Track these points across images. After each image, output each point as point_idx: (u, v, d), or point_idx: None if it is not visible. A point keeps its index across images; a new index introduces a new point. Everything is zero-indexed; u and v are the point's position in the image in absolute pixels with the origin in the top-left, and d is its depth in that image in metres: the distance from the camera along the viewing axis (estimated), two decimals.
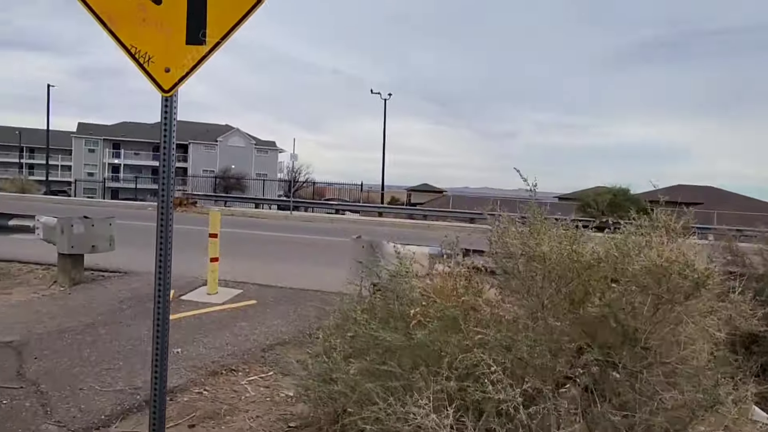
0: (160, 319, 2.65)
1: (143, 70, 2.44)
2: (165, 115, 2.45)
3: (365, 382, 2.27)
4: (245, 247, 10.79)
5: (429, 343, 2.23)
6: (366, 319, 2.56)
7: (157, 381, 2.63)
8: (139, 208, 23.13)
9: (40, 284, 6.74)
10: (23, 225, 7.38)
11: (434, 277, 2.86)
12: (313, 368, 2.58)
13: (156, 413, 2.62)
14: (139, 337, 4.92)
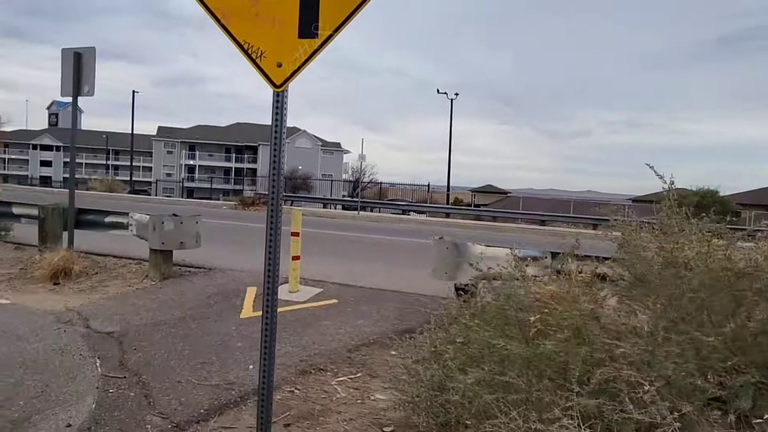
0: (269, 320, 2.63)
1: (255, 65, 2.42)
2: (276, 110, 2.42)
3: (483, 392, 2.12)
4: (318, 246, 10.90)
5: (554, 354, 2.04)
6: (479, 324, 2.41)
7: (265, 382, 2.61)
8: (214, 207, 24.14)
9: (134, 278, 7.07)
10: (118, 222, 7.80)
11: (546, 282, 2.66)
12: (424, 374, 2.45)
13: (263, 412, 2.60)
14: (228, 332, 5.02)
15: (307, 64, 2.39)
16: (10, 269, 7.48)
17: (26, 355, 4.23)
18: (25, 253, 8.23)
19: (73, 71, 7.11)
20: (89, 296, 6.28)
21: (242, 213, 20.96)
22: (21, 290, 6.56)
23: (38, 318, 5.30)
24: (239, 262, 8.33)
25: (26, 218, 8.41)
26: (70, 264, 6.96)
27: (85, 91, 7.12)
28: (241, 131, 71.90)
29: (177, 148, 67.86)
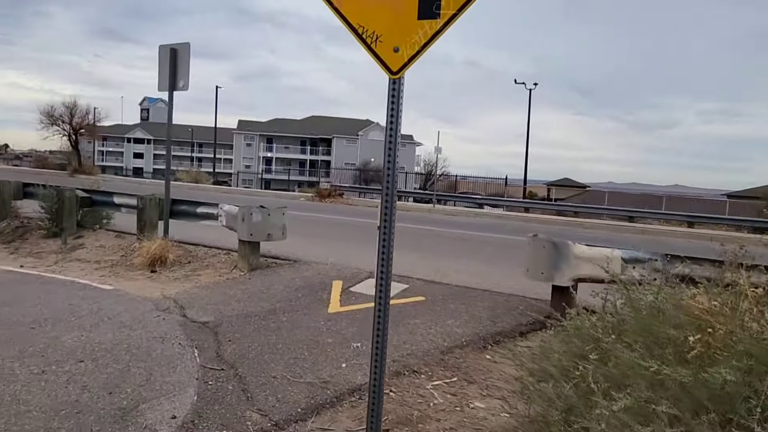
0: (381, 320, 2.46)
1: (370, 50, 2.24)
2: (392, 99, 2.23)
3: (633, 423, 1.83)
4: (397, 239, 10.72)
5: (732, 384, 1.71)
6: (619, 340, 2.11)
7: (375, 387, 2.45)
8: (292, 198, 24.73)
9: (223, 268, 7.25)
10: (209, 212, 8.04)
11: (696, 294, 2.29)
12: (552, 393, 2.18)
13: (373, 416, 2.45)
14: (317, 327, 4.96)
15: (427, 48, 2.18)
16: (113, 256, 7.93)
17: (131, 342, 4.38)
18: (124, 240, 8.71)
19: (169, 67, 7.37)
20: (183, 285, 6.49)
21: (319, 204, 21.31)
22: (122, 276, 6.91)
23: (138, 305, 5.52)
24: (322, 254, 8.35)
25: (126, 207, 8.89)
26: (166, 253, 7.25)
27: (180, 86, 7.36)
28: (315, 124, 73.49)
29: (255, 140, 70.55)
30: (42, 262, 7.68)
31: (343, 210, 18.85)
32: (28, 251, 8.30)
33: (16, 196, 10.18)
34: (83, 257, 7.90)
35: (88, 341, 4.34)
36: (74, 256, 7.95)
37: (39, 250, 8.36)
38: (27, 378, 3.57)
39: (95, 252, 8.14)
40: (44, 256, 8.02)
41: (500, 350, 4.71)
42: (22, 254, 8.16)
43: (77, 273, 7.02)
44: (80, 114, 32.61)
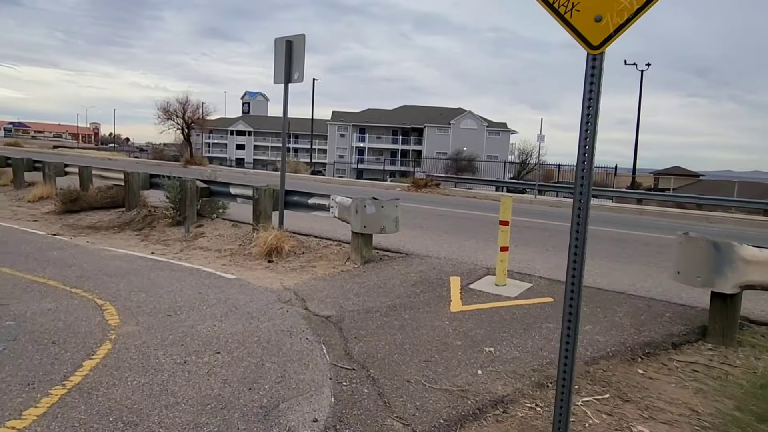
0: (572, 328, 2.13)
1: (564, 22, 1.89)
2: (591, 80, 1.87)
3: None
4: (493, 232, 10.22)
5: None
6: None
7: (563, 399, 2.13)
8: (387, 188, 24.76)
9: (337, 260, 7.23)
10: (320, 204, 8.07)
11: None
12: None
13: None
14: (442, 327, 4.71)
15: (641, 14, 1.79)
16: (231, 245, 8.22)
17: (260, 334, 4.39)
18: (240, 230, 9.02)
19: (284, 59, 7.42)
20: (300, 276, 6.53)
21: (416, 194, 21.11)
22: (242, 266, 7.10)
23: (261, 295, 5.59)
24: (432, 247, 8.10)
25: (242, 198, 9.19)
26: (282, 244, 7.36)
27: (295, 78, 7.39)
28: (407, 113, 73.50)
29: (348, 131, 71.99)
30: (169, 249, 8.13)
31: (441, 200, 18.50)
32: (156, 238, 8.85)
33: (144, 186, 10.95)
34: (205, 245, 8.26)
35: (221, 331, 4.40)
36: (197, 245, 8.34)
37: (165, 237, 8.89)
38: (171, 368, 3.64)
39: (215, 241, 8.49)
40: (170, 243, 8.50)
41: (652, 364, 4.18)
42: (151, 241, 8.71)
43: (201, 261, 7.32)
44: (191, 109, 35.00)
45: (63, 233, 9.28)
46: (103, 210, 11.23)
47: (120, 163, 34.22)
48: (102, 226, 9.87)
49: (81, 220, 10.51)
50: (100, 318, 4.65)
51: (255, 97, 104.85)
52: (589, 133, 1.90)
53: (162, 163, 37.18)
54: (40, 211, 11.62)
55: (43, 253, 7.44)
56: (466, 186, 27.74)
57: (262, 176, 28.23)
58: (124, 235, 9.22)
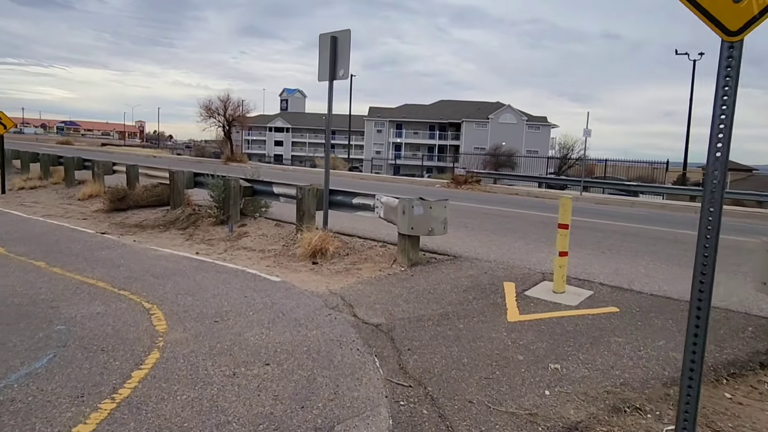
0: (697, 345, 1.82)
1: (692, 4, 1.58)
2: (726, 70, 1.55)
3: None
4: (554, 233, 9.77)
5: None
6: None
7: None
8: (427, 185, 24.41)
9: (382, 262, 7.01)
10: (364, 203, 7.86)
11: None
12: None
13: None
14: (500, 339, 4.41)
15: None
16: (275, 245, 8.11)
17: (309, 344, 4.20)
18: (283, 229, 8.92)
19: (329, 55, 7.22)
20: (346, 279, 6.34)
21: (456, 191, 20.72)
22: (286, 267, 6.97)
23: (308, 300, 5.42)
24: (480, 249, 7.78)
25: (285, 197, 9.09)
26: (326, 245, 7.19)
27: (340, 75, 7.19)
28: (444, 108, 72.72)
29: (385, 126, 71.79)
30: (213, 249, 8.10)
31: (483, 198, 18.06)
32: (201, 238, 8.84)
33: (188, 185, 11.01)
34: (248, 246, 8.19)
35: (269, 340, 4.24)
36: (240, 245, 8.27)
37: (209, 237, 8.87)
38: (221, 381, 3.49)
39: (258, 241, 8.41)
40: (214, 243, 8.47)
41: (740, 386, 3.77)
42: (195, 240, 8.71)
43: (245, 262, 7.23)
44: (232, 106, 35.50)
45: (111, 232, 9.40)
46: (149, 208, 11.37)
47: (164, 160, 35.07)
48: (148, 225, 9.97)
49: (128, 218, 10.66)
50: (148, 323, 4.57)
51: (293, 93, 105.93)
52: (723, 133, 1.58)
53: (203, 160, 37.92)
54: (89, 209, 11.87)
55: (92, 253, 7.51)
56: (507, 182, 27.10)
57: (301, 173, 28.37)
58: (169, 234, 9.26)
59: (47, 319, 4.62)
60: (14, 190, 14.96)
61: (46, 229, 9.36)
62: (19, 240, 8.32)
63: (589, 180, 22.92)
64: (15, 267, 6.55)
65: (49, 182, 15.72)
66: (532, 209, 14.54)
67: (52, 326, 4.44)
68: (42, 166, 16.56)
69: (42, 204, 12.79)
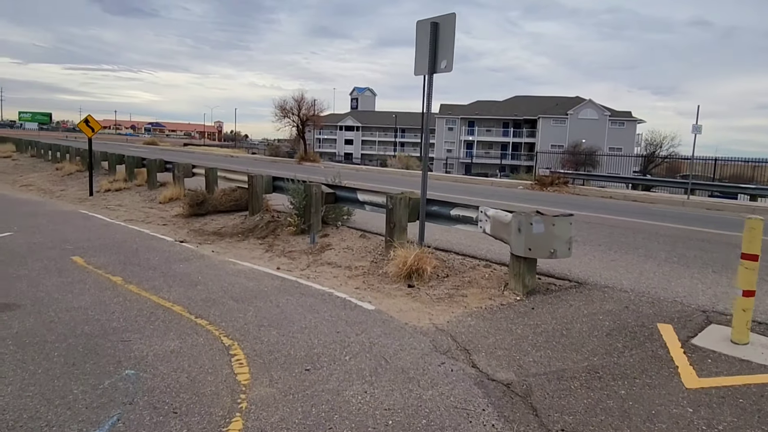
0: None
1: None
2: None
3: None
4: (691, 251, 8.24)
5: None
6: None
7: None
8: (508, 186, 22.89)
9: (489, 286, 5.94)
10: (465, 216, 6.81)
11: None
12: None
13: None
14: (686, 418, 3.23)
15: None
16: (362, 261, 7.25)
17: (428, 413, 3.23)
18: (369, 242, 8.05)
19: (429, 44, 6.24)
20: (451, 309, 5.33)
21: (542, 194, 19.14)
22: (378, 290, 6.07)
23: (412, 340, 4.48)
24: (605, 273, 6.51)
25: (371, 206, 8.22)
26: (423, 264, 6.22)
27: (442, 67, 6.18)
28: (518, 105, 69.96)
29: (457, 124, 70.08)
30: (295, 264, 7.36)
31: (575, 202, 16.42)
32: (281, 249, 8.15)
33: (267, 190, 10.44)
34: (333, 260, 7.38)
35: (375, 404, 3.32)
36: (324, 259, 7.49)
37: (290, 248, 8.17)
38: None
39: (343, 255, 7.58)
40: (296, 256, 7.74)
41: None
42: (275, 252, 8.03)
43: (331, 281, 6.42)
44: (306, 106, 35.48)
45: (189, 240, 8.96)
46: (227, 213, 10.94)
47: (241, 160, 35.70)
48: (226, 233, 9.46)
49: (206, 224, 10.24)
50: (228, 370, 3.79)
51: (363, 92, 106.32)
52: None
53: (278, 159, 38.28)
54: (169, 213, 11.64)
55: (169, 266, 6.99)
56: (596, 183, 24.99)
57: (375, 174, 27.69)
58: (248, 244, 8.67)
59: (116, 358, 3.96)
60: (101, 192, 15.20)
61: (127, 237, 9.07)
62: (100, 249, 8.00)
63: (701, 182, 20.48)
64: (92, 283, 6.09)
65: (133, 184, 15.89)
66: (639, 217, 12.84)
67: (120, 369, 3.77)
68: (127, 168, 16.82)
69: (125, 207, 12.77)
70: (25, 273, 6.48)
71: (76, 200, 14.19)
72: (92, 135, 14.90)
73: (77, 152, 22.45)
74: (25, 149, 31.94)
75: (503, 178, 43.63)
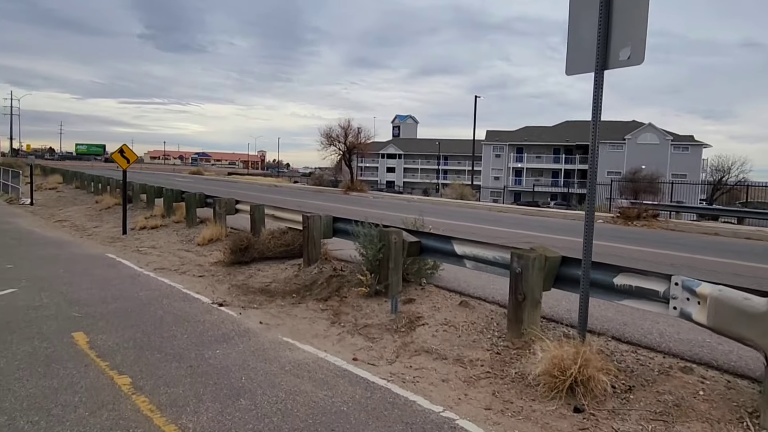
0: None
1: None
2: None
3: None
4: None
5: None
6: None
7: None
8: (573, 218, 20.08)
9: (716, 417, 3.53)
10: (640, 288, 4.44)
11: None
12: None
13: None
14: None
15: None
16: (475, 347, 4.95)
17: None
18: (475, 313, 5.78)
19: (597, 25, 4.02)
20: None
21: (626, 229, 16.37)
22: (526, 417, 3.75)
23: None
24: None
25: (474, 262, 5.95)
26: (592, 371, 3.88)
27: (622, 57, 3.93)
28: (569, 130, 66.85)
29: (504, 150, 67.40)
30: (377, 349, 5.14)
31: (689, 242, 13.63)
32: (352, 321, 5.96)
33: (326, 234, 8.37)
34: (431, 345, 5.12)
35: None
36: (418, 342, 5.24)
37: (364, 319, 5.97)
38: None
39: (444, 335, 5.32)
40: (375, 335, 5.53)
41: None
42: (345, 326, 5.85)
43: (442, 391, 4.16)
44: (353, 133, 33.87)
45: (230, 301, 6.91)
46: (276, 261, 8.91)
47: (283, 190, 34.24)
48: (277, 291, 7.37)
49: (252, 276, 8.20)
50: None
51: (405, 120, 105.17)
52: None
53: (323, 189, 36.69)
54: (207, 259, 9.70)
55: (202, 352, 4.90)
56: (688, 216, 21.95)
57: (428, 204, 25.46)
58: (307, 310, 6.53)
59: None
60: (136, 230, 13.56)
61: (153, 296, 7.10)
62: (114, 317, 6.04)
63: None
64: (85, 391, 4.05)
65: (171, 220, 14.21)
66: (726, 256, 10.04)
67: None
68: (165, 202, 15.23)
69: (158, 250, 10.95)
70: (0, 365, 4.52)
71: (107, 240, 12.53)
72: (127, 166, 13.34)
73: (117, 184, 21.26)
74: (70, 181, 31.45)
75: (556, 207, 40.53)
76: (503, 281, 5.45)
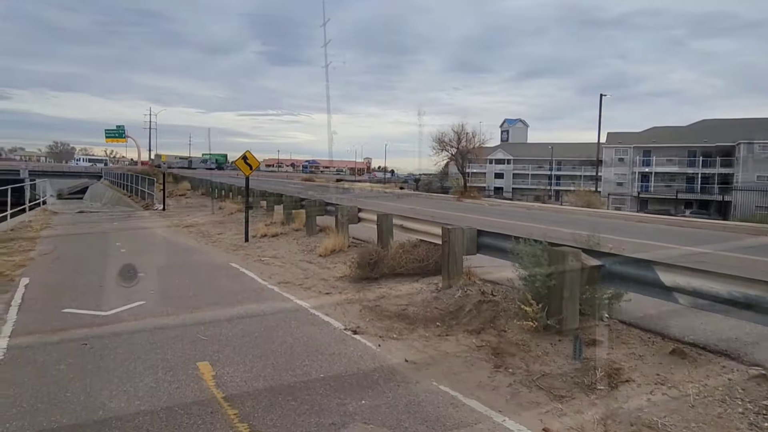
0: None
1: None
2: None
3: None
4: None
5: None
6: None
7: None
8: (756, 233, 16.84)
9: None
10: None
11: None
12: None
13: None
14: None
15: None
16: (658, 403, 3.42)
17: None
18: (699, 368, 4.22)
19: None
20: None
21: None
22: None
23: None
24: None
25: (695, 298, 4.38)
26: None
27: None
28: (707, 130, 59.60)
29: (629, 154, 61.72)
30: (571, 416, 3.80)
31: None
32: (523, 367, 4.67)
33: (470, 249, 7.16)
34: (653, 419, 3.68)
35: None
36: (630, 412, 3.81)
37: (539, 365, 4.65)
38: None
39: (667, 404, 3.84)
40: (562, 393, 4.18)
41: None
42: (516, 375, 4.56)
43: None
44: (467, 138, 32.44)
45: (365, 328, 5.94)
46: (407, 278, 7.89)
47: (389, 195, 33.62)
48: (416, 316, 6.29)
49: (384, 296, 7.21)
50: None
51: (514, 124, 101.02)
52: None
53: (433, 195, 35.60)
54: (332, 273, 8.93)
55: (344, 403, 3.93)
56: None
57: (550, 212, 23.17)
58: (457, 345, 5.35)
59: None
60: (257, 237, 13.35)
61: (279, 318, 6.37)
62: (241, 342, 5.32)
63: None
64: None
65: (291, 228, 13.87)
66: None
67: None
68: (285, 209, 15.00)
69: (280, 260, 10.44)
70: (115, 404, 3.85)
71: (230, 248, 12.39)
72: (250, 173, 13.20)
73: (239, 191, 21.82)
74: (197, 188, 33.42)
75: (692, 216, 35.54)
76: (714, 317, 3.87)
